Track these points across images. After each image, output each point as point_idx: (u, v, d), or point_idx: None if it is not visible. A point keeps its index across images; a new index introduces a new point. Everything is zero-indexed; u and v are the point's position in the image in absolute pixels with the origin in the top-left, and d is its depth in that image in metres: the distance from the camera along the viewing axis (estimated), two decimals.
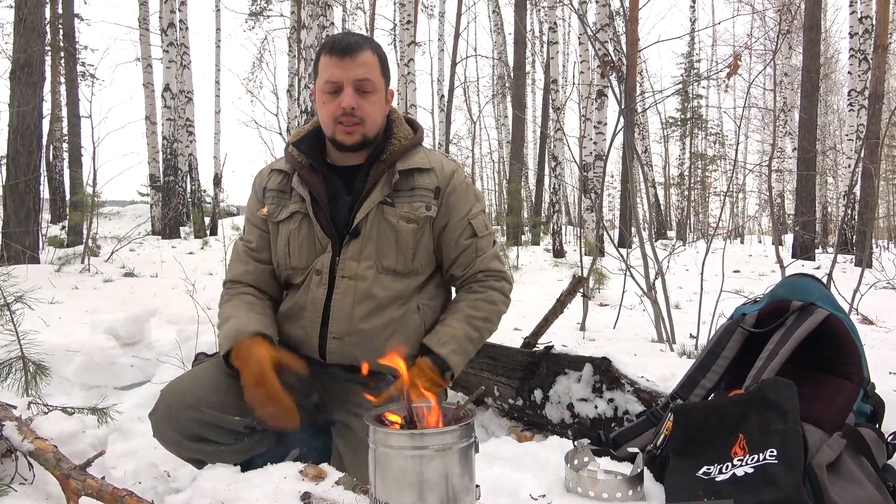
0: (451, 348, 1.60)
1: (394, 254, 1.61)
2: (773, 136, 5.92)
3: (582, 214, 10.40)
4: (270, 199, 1.68)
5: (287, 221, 1.64)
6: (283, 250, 1.64)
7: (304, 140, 1.67)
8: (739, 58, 4.46)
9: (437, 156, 1.71)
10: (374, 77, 1.56)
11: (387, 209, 1.60)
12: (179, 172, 13.70)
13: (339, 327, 1.58)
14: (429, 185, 1.63)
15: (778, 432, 1.17)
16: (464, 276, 1.71)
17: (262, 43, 23.92)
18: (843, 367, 1.41)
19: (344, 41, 1.55)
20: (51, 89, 15.35)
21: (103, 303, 4.49)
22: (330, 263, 1.59)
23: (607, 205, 28.42)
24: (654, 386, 1.94)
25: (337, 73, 1.53)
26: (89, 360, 2.55)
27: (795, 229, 12.01)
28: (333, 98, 1.55)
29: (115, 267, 6.89)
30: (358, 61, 1.53)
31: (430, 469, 1.02)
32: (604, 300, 5.42)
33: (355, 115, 1.55)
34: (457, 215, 1.67)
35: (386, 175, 1.61)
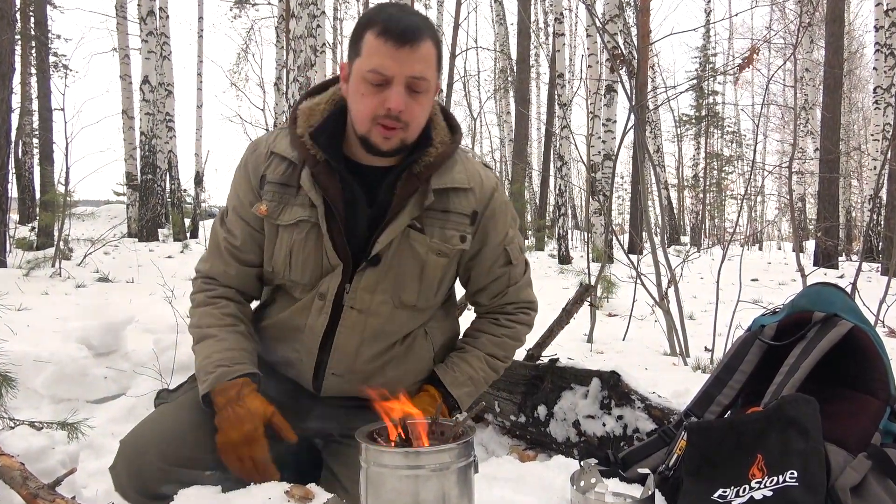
0: (466, 391, 1.57)
1: (416, 288, 1.49)
2: (794, 135, 5.95)
3: (589, 218, 10.42)
4: (270, 195, 1.47)
5: (291, 229, 1.46)
6: (283, 261, 1.48)
7: (322, 131, 1.44)
8: (757, 51, 4.48)
9: (476, 168, 1.55)
10: (430, 74, 1.36)
11: (414, 235, 1.45)
12: (158, 170, 13.68)
13: (342, 366, 1.49)
14: (465, 210, 1.49)
15: (799, 452, 1.17)
16: (491, 305, 1.65)
17: (248, 33, 24.04)
18: (868, 382, 1.41)
19: (402, 23, 1.31)
20: (21, 81, 15.33)
21: (75, 310, 4.48)
22: (337, 288, 1.45)
23: (616, 208, 28.48)
24: (666, 402, 1.94)
25: (390, 65, 1.30)
26: (60, 371, 2.54)
27: (817, 235, 12.05)
28: (377, 92, 1.33)
29: (89, 271, 6.88)
30: (418, 54, 1.32)
31: (426, 490, 1.02)
32: (613, 310, 5.43)
33: (401, 119, 1.34)
34: (493, 242, 1.55)
35: (418, 194, 1.44)
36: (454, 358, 1.61)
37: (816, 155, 15.43)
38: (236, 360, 1.42)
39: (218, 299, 1.53)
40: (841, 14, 13.12)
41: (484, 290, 1.62)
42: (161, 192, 14.19)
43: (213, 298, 1.53)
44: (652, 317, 4.55)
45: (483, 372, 1.60)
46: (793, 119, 12.13)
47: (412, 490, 1.02)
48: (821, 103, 13.93)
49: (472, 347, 1.63)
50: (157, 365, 2.67)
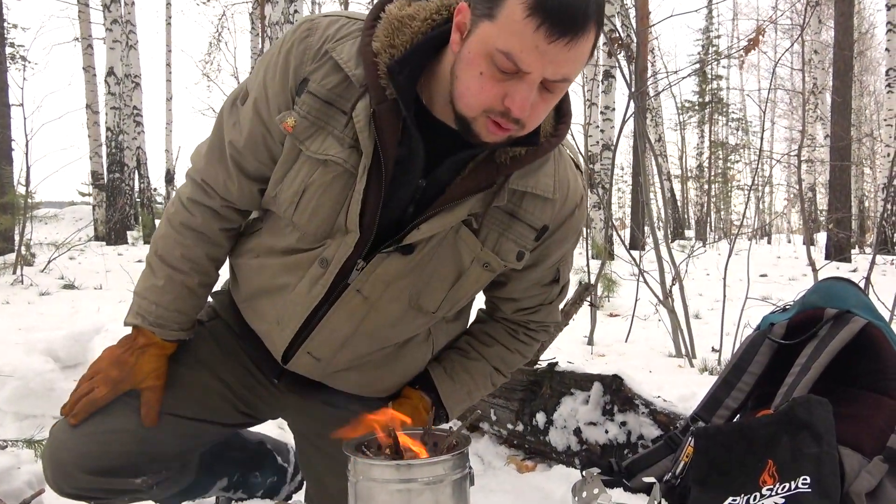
0: (461, 406, 1.47)
1: (441, 295, 1.31)
2: (803, 121, 6.00)
3: (588, 213, 10.46)
4: (307, 108, 1.20)
5: (315, 163, 1.21)
6: (291, 197, 1.24)
7: (405, 64, 1.14)
8: (762, 32, 4.52)
9: (566, 173, 1.29)
10: (577, 73, 1.10)
11: (465, 235, 1.24)
12: (126, 168, 13.63)
13: (321, 350, 1.34)
14: (536, 223, 1.27)
15: (811, 457, 1.19)
16: (514, 317, 1.48)
17: (220, 20, 23.89)
18: (883, 382, 1.43)
19: (568, 2, 0.99)
20: None
21: (39, 319, 4.46)
22: (346, 260, 1.24)
23: (617, 201, 28.59)
24: (671, 407, 1.95)
25: (533, 59, 1.02)
26: (24, 386, 2.52)
27: (829, 227, 12.14)
28: (502, 80, 1.05)
29: (53, 278, 6.85)
30: (574, 52, 1.02)
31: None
32: (614, 310, 5.46)
33: (520, 121, 1.09)
34: (549, 260, 1.36)
35: (490, 190, 1.22)
36: (455, 363, 1.47)
37: (827, 142, 15.56)
38: (164, 319, 1.37)
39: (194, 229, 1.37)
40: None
41: (514, 301, 1.44)
42: (129, 192, 14.13)
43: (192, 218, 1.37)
44: (655, 316, 4.58)
45: (483, 388, 1.49)
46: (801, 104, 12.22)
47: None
48: (830, 87, 14.03)
49: (479, 356, 1.48)
50: None
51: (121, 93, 13.51)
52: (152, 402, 1.38)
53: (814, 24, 17.06)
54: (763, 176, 13.19)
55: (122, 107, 13.51)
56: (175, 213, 1.39)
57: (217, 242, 1.40)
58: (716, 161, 26.82)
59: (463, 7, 1.08)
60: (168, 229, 1.39)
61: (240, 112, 1.29)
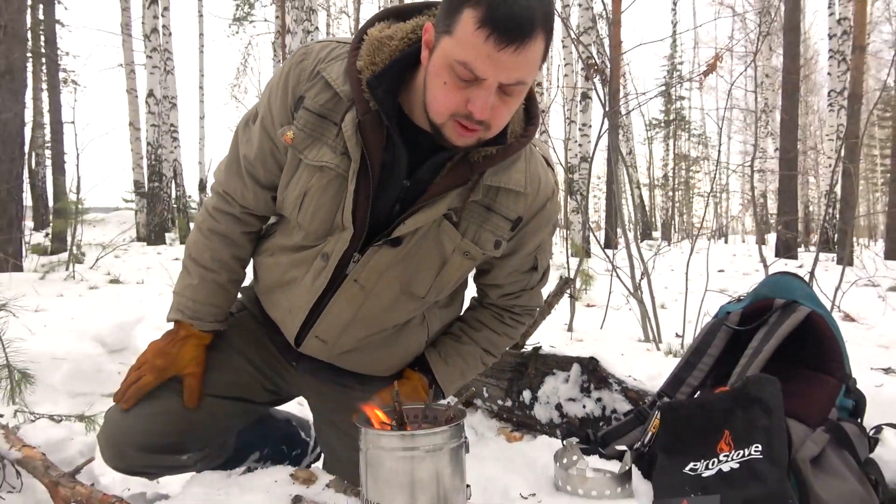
0: (455, 385, 1.47)
1: (429, 282, 1.31)
2: (755, 136, 6.00)
3: (568, 216, 10.45)
4: (303, 122, 1.21)
5: (312, 170, 1.23)
6: (294, 200, 1.26)
7: (384, 78, 1.15)
8: (719, 58, 4.52)
9: (537, 169, 1.29)
10: (531, 77, 1.07)
11: (446, 227, 1.24)
12: (164, 178, 13.60)
13: (327, 334, 1.36)
14: (510, 214, 1.27)
15: (763, 428, 1.19)
16: (498, 302, 1.48)
17: (247, 48, 23.87)
18: (825, 363, 1.43)
19: (513, 11, 0.98)
20: (32, 96, 15.22)
21: (89, 310, 4.45)
22: (343, 254, 1.26)
23: (593, 206, 28.58)
24: (641, 385, 1.95)
25: (485, 67, 1.01)
26: (76, 368, 2.52)
27: (778, 229, 12.15)
28: (463, 87, 1.05)
29: (101, 274, 6.83)
30: (523, 57, 1.01)
31: (421, 470, 1.02)
32: (591, 301, 5.45)
33: (483, 123, 1.08)
34: (526, 248, 1.35)
35: (466, 186, 1.22)
36: (449, 348, 1.47)
37: (776, 154, 15.55)
38: (201, 313, 1.40)
39: (220, 234, 1.40)
40: (797, 23, 13.21)
41: (498, 287, 1.44)
42: (167, 199, 14.10)
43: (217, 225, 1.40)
44: (627, 306, 4.58)
45: (475, 368, 1.49)
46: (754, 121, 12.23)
47: (408, 470, 1.02)
48: (780, 106, 14.03)
49: (470, 340, 1.47)
50: None
51: (159, 112, 13.47)
52: (194, 386, 1.39)
53: (765, 51, 17.06)
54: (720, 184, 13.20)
55: (160, 124, 13.47)
56: (203, 221, 1.42)
57: (240, 244, 1.42)
58: (679, 171, 26.78)
59: (428, 26, 1.10)
60: (198, 235, 1.42)
61: (251, 130, 1.32)
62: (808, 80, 24.52)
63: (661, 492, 1.22)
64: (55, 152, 14.36)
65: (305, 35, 9.93)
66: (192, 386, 1.40)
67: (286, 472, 1.31)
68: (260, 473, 1.31)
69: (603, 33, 12.77)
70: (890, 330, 3.95)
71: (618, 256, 4.61)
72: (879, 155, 27.69)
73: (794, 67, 12.79)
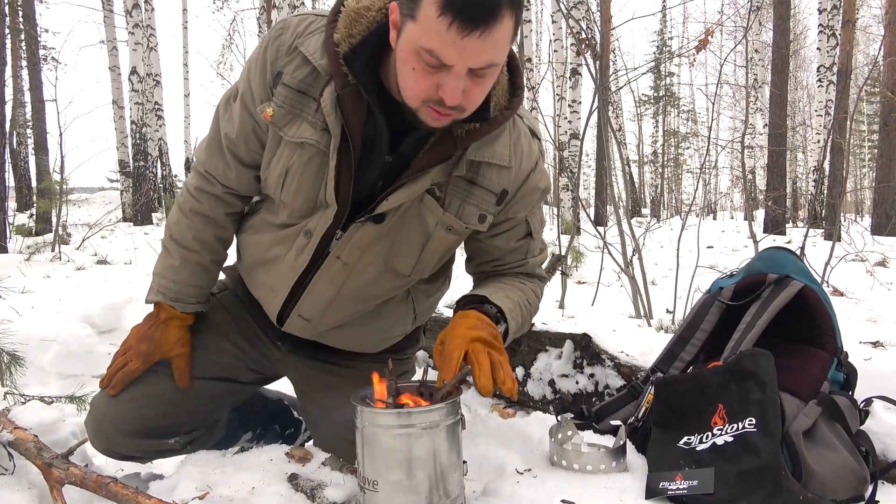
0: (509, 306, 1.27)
1: (412, 259, 1.28)
2: (746, 112, 5.99)
3: (558, 193, 10.44)
4: (282, 98, 1.18)
5: (293, 147, 1.20)
6: (277, 179, 1.24)
7: (361, 51, 1.12)
8: (710, 33, 4.49)
9: (521, 140, 1.26)
10: (502, 57, 1.04)
11: (428, 202, 1.21)
12: (149, 157, 13.44)
13: (309, 311, 1.33)
14: (495, 188, 1.24)
15: (756, 402, 1.20)
16: (497, 272, 1.41)
17: (231, 24, 23.46)
18: (817, 337, 1.44)
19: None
20: (12, 74, 14.92)
21: (77, 291, 4.42)
22: (326, 231, 1.24)
23: (583, 183, 28.58)
24: (633, 360, 1.97)
25: (451, 54, 0.98)
26: (65, 349, 2.51)
27: (767, 205, 12.21)
28: (431, 73, 1.02)
29: (87, 255, 6.77)
30: (490, 40, 0.97)
31: (418, 447, 1.03)
32: (581, 278, 5.47)
33: (457, 107, 1.05)
34: (516, 218, 1.32)
35: (449, 161, 1.18)
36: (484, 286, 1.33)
37: (766, 130, 15.59)
38: (182, 294, 1.38)
39: (203, 214, 1.37)
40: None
41: (495, 260, 1.38)
42: (153, 178, 13.95)
43: (200, 205, 1.37)
44: (618, 283, 4.59)
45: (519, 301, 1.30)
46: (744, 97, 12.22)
47: (405, 447, 1.03)
48: (769, 82, 14.02)
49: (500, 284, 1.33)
50: None
51: (143, 90, 13.27)
52: (182, 367, 1.39)
53: (755, 26, 16.99)
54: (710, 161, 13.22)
55: (144, 102, 13.28)
56: (185, 202, 1.39)
57: (223, 225, 1.41)
58: (669, 148, 26.83)
59: (394, 6, 1.04)
60: (180, 216, 1.40)
61: (232, 108, 1.29)
62: (797, 55, 24.51)
63: (656, 465, 1.23)
64: (37, 131, 14.14)
65: (291, 10, 9.79)
66: (182, 367, 1.39)
67: (281, 451, 1.31)
68: (255, 452, 1.32)
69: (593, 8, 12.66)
70: (878, 304, 4.00)
71: (608, 233, 4.61)
72: (867, 131, 27.83)
73: (784, 42, 12.77)
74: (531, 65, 13.24)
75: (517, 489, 1.16)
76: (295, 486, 1.18)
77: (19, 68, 15.52)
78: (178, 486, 1.27)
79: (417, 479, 1.03)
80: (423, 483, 1.03)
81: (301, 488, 1.17)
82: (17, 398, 1.79)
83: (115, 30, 14.03)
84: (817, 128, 13.56)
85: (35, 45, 14.43)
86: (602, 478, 1.21)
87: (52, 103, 8.32)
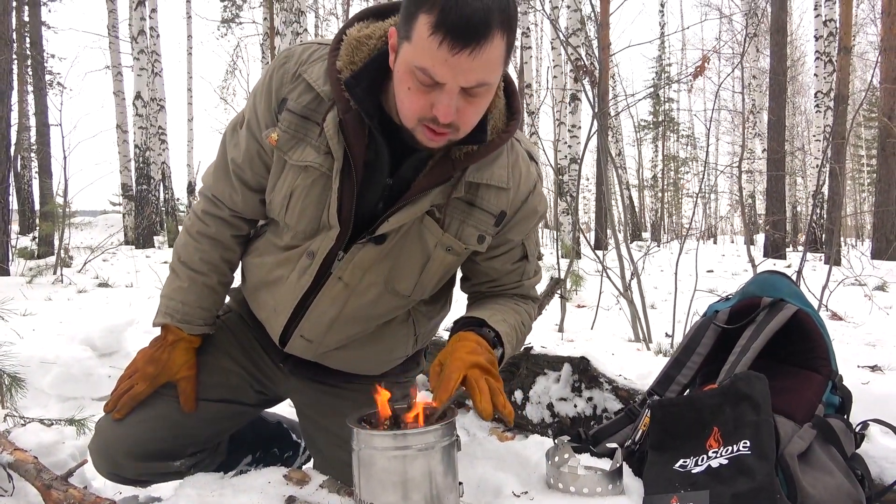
0: (506, 330, 1.29)
1: (413, 280, 1.31)
2: (742, 137, 6.05)
3: (558, 217, 10.49)
4: (287, 124, 1.23)
5: (297, 170, 1.24)
6: (281, 201, 1.27)
7: (362, 77, 1.16)
8: (707, 60, 4.56)
9: (520, 163, 1.29)
10: (494, 77, 1.06)
11: (429, 223, 1.24)
12: (152, 181, 13.53)
13: (312, 332, 1.36)
14: (494, 209, 1.27)
15: (751, 424, 1.21)
16: (493, 292, 1.43)
17: (235, 50, 23.79)
18: (812, 360, 1.45)
19: (466, 12, 0.97)
20: (18, 98, 15.08)
21: (78, 314, 4.42)
22: (328, 252, 1.27)
23: (582, 207, 28.68)
24: (631, 384, 1.97)
25: (443, 72, 1.01)
26: (66, 372, 2.51)
27: (766, 229, 12.24)
28: (426, 92, 1.05)
29: (89, 277, 6.79)
30: (480, 60, 1.00)
31: (413, 468, 1.03)
32: (581, 302, 5.48)
33: (451, 125, 1.09)
34: (514, 240, 1.36)
35: (448, 183, 1.22)
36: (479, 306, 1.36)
37: (764, 155, 15.68)
38: (190, 316, 1.40)
39: (210, 237, 1.41)
40: (784, 25, 13.34)
41: (491, 281, 1.41)
42: (156, 202, 14.02)
43: (207, 228, 1.40)
44: (617, 307, 4.60)
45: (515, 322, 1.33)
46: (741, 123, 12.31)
47: (401, 469, 1.03)
48: (767, 107, 14.15)
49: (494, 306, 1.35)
50: None
51: (147, 114, 13.39)
52: (188, 390, 1.40)
53: (752, 52, 17.20)
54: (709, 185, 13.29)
55: (148, 127, 13.39)
56: (192, 225, 1.43)
57: (230, 247, 1.43)
58: (668, 172, 26.95)
59: (392, 31, 1.10)
60: (188, 238, 1.43)
61: (238, 134, 1.33)
62: (795, 81, 24.74)
63: (652, 488, 1.24)
64: (42, 155, 14.25)
65: (294, 37, 9.93)
66: (188, 390, 1.40)
67: (279, 473, 1.31)
68: (253, 475, 1.32)
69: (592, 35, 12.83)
70: (876, 328, 3.99)
71: (608, 257, 4.63)
72: (866, 155, 27.98)
73: (781, 69, 12.91)
74: (531, 90, 13.36)
75: None
76: None
77: (25, 93, 15.70)
78: None
79: (413, 501, 1.03)
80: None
81: None
82: (16, 420, 1.80)
83: (121, 55, 14.23)
84: (816, 153, 13.66)
85: (41, 70, 14.61)
86: (598, 500, 1.21)
87: (56, 127, 8.38)
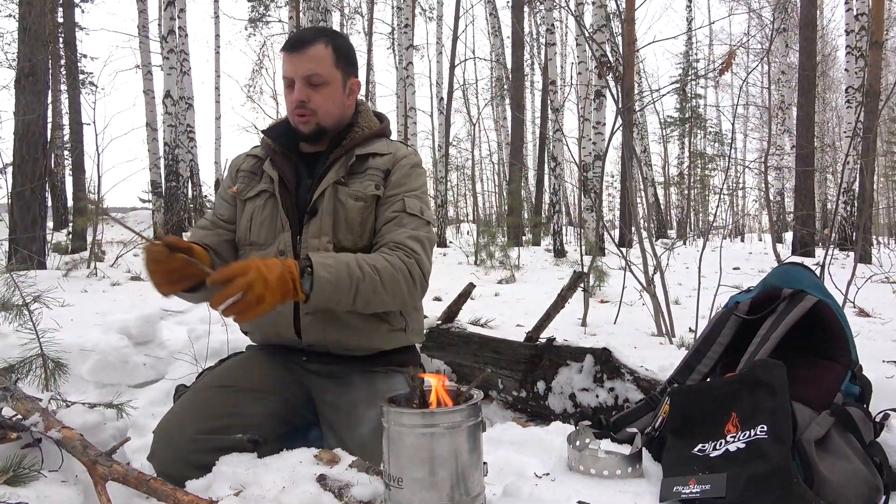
0: (322, 258, 1.48)
1: (345, 231, 1.66)
2: (769, 133, 5.99)
3: (582, 214, 10.46)
4: (242, 179, 1.80)
5: (253, 199, 1.74)
6: (246, 225, 1.73)
7: (275, 128, 1.79)
8: (734, 55, 4.53)
9: (398, 146, 1.79)
10: (323, 71, 1.65)
11: (340, 189, 1.67)
12: (181, 178, 13.74)
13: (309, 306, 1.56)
14: (381, 167, 1.71)
15: (768, 409, 1.24)
16: (376, 244, 1.66)
17: (262, 49, 24.05)
18: (831, 350, 1.47)
19: (295, 37, 1.68)
20: (52, 98, 15.43)
21: (113, 305, 4.56)
22: (292, 242, 1.66)
23: (607, 204, 28.49)
24: (653, 375, 2.00)
25: (288, 68, 1.65)
26: (103, 359, 2.61)
27: (794, 225, 12.07)
28: (290, 92, 1.67)
29: (121, 271, 6.96)
30: (306, 56, 1.63)
31: (440, 446, 1.08)
32: (604, 297, 5.49)
33: (307, 108, 1.65)
34: (393, 190, 1.70)
35: (343, 158, 1.71)
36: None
37: (793, 152, 15.44)
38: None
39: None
40: (813, 20, 13.14)
41: (378, 232, 1.68)
42: (184, 198, 14.23)
43: None
44: (640, 301, 4.61)
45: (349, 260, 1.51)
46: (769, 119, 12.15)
47: (428, 446, 1.08)
48: (796, 103, 13.94)
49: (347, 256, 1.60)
50: (193, 350, 2.73)
51: (176, 113, 13.61)
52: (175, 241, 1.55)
53: (781, 47, 16.93)
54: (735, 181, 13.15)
55: (177, 125, 13.61)
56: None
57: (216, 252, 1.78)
58: (695, 169, 26.63)
59: None
60: None
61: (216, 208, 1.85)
62: (825, 76, 24.28)
63: (671, 471, 1.27)
64: (75, 152, 14.58)
65: None
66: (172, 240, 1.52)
67: (310, 454, 1.37)
68: (285, 455, 1.38)
69: (616, 31, 12.76)
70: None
71: (631, 253, 4.64)
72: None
73: (810, 64, 12.71)
74: (554, 87, 13.33)
75: (536, 491, 1.21)
76: (323, 486, 1.24)
77: (59, 92, 16.04)
78: (212, 485, 1.34)
79: (440, 477, 1.08)
80: (445, 480, 1.08)
81: (329, 488, 1.23)
82: (59, 403, 1.88)
83: (151, 55, 14.47)
84: (846, 149, 13.41)
85: (75, 70, 14.93)
86: (618, 482, 1.25)
87: (89, 126, 8.59)
